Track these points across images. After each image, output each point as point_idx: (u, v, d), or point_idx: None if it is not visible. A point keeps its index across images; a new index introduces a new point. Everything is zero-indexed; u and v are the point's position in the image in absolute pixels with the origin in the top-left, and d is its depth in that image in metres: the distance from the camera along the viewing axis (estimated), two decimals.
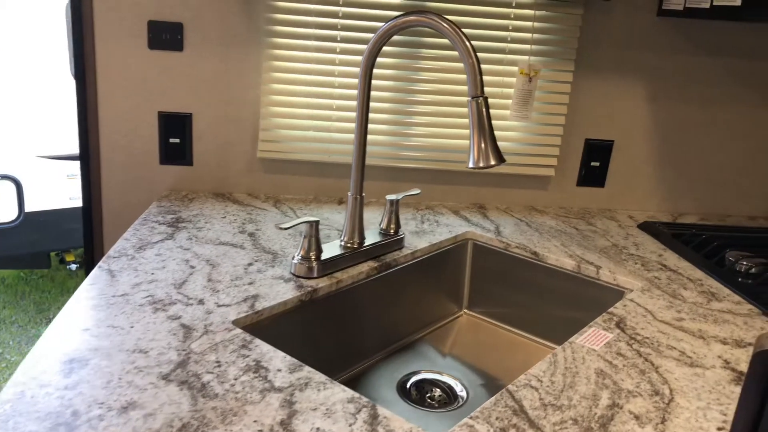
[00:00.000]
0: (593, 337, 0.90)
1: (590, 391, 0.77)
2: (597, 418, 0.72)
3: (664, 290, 1.10)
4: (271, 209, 1.34)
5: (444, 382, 1.10)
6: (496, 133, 1.44)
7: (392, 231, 1.18)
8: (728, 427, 0.72)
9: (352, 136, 1.40)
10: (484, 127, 0.92)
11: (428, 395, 1.06)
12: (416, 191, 1.21)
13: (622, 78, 1.46)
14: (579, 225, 1.42)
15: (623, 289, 1.13)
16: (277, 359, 0.78)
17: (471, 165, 0.93)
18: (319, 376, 0.75)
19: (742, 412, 0.66)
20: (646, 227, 1.42)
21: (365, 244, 1.11)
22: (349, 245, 1.10)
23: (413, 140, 1.42)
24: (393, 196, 1.18)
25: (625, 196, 1.56)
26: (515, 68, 1.40)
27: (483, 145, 0.92)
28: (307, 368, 0.76)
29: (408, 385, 1.07)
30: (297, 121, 1.38)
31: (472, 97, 0.91)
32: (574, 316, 1.20)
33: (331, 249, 1.08)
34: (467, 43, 0.91)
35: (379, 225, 1.19)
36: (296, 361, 0.78)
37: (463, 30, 0.92)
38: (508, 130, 1.44)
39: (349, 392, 0.72)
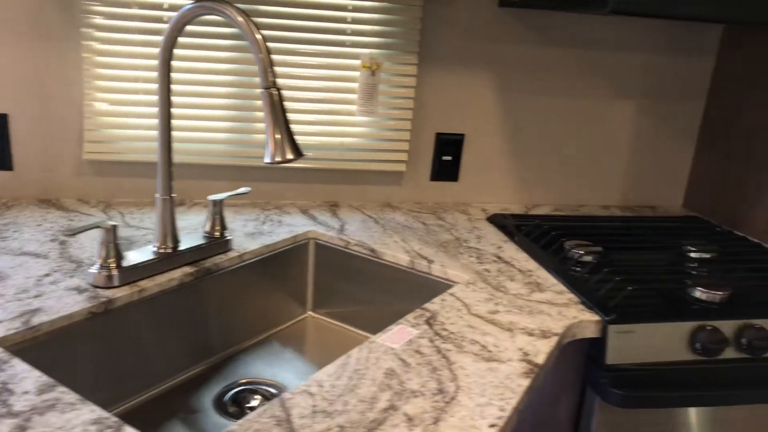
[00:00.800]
0: (397, 335, 0.87)
1: (371, 394, 0.74)
2: (368, 422, 0.68)
3: (489, 282, 1.08)
4: (99, 215, 1.25)
5: (267, 390, 1.05)
6: (343, 129, 1.40)
7: (217, 233, 1.12)
8: (501, 423, 0.70)
9: (184, 134, 1.33)
10: (279, 119, 0.87)
11: (248, 405, 1.01)
12: (245, 190, 1.16)
13: (469, 70, 1.46)
14: (428, 220, 1.40)
15: (452, 283, 1.12)
16: (29, 380, 0.71)
17: (267, 160, 0.88)
18: (71, 396, 0.68)
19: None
20: (494, 220, 1.42)
21: (181, 249, 1.05)
22: (161, 250, 1.03)
23: (258, 137, 1.36)
24: (216, 196, 1.12)
25: (480, 189, 1.55)
26: (358, 62, 1.37)
27: (279, 139, 0.87)
28: (60, 389, 0.70)
29: (226, 398, 1.02)
30: (125, 120, 1.30)
31: (265, 88, 0.87)
32: (408, 312, 1.17)
33: (140, 255, 1.01)
34: (257, 35, 0.86)
35: (203, 228, 1.13)
36: (51, 381, 0.71)
37: (254, 20, 0.87)
38: (356, 125, 1.41)
39: (99, 413, 0.66)
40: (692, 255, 1.29)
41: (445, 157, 1.51)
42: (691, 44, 1.55)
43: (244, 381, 1.06)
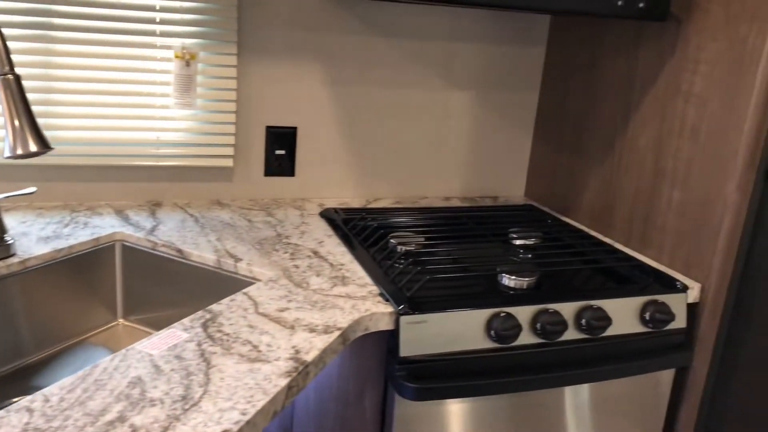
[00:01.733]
0: (162, 340, 0.81)
1: (102, 406, 0.67)
2: None
3: (293, 279, 1.04)
4: None
5: None
6: (160, 123, 1.32)
7: None
8: (237, 429, 0.65)
9: None
10: (18, 108, 0.79)
11: None
12: (30, 190, 1.06)
13: (297, 61, 1.41)
14: (257, 217, 1.34)
15: (255, 281, 1.07)
16: None
17: (8, 154, 0.80)
18: None
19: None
20: (326, 214, 1.38)
21: None
22: None
23: (66, 133, 1.26)
24: None
25: (319, 184, 1.51)
26: (171, 52, 1.29)
27: (19, 129, 0.79)
28: None
29: None
30: None
31: (1, 75, 0.78)
32: None
33: None
34: None
35: None
36: None
37: None
38: (174, 119, 1.33)
39: None
40: (516, 242, 1.30)
41: (278, 151, 1.45)
42: (522, 34, 1.57)
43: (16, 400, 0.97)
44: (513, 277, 1.09)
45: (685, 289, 1.12)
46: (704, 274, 1.14)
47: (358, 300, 0.98)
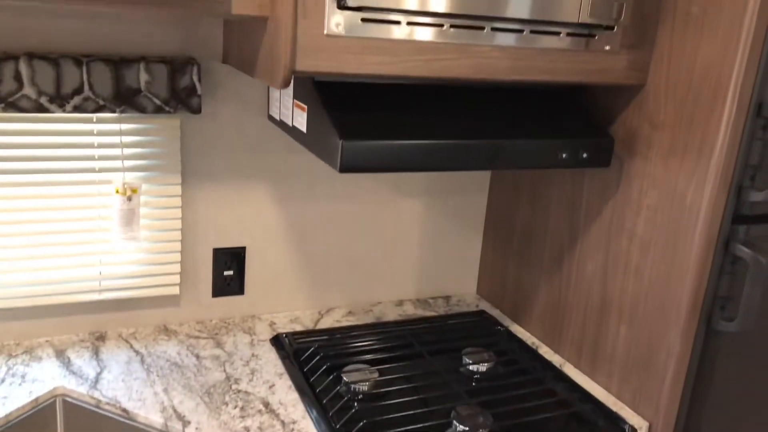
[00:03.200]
0: None
1: None
2: None
3: None
4: None
5: None
6: (103, 257, 1.28)
7: None
8: None
9: None
10: None
11: None
12: None
13: (243, 182, 1.38)
14: (205, 349, 1.31)
15: None
16: None
17: None
18: None
19: None
20: (277, 342, 1.36)
21: None
22: None
23: (2, 277, 1.21)
24: None
25: (269, 299, 1.49)
26: (112, 187, 1.25)
27: None
28: None
29: None
30: None
31: None
32: None
33: None
34: None
35: None
36: None
37: None
38: (118, 253, 1.29)
39: None
40: (469, 367, 1.31)
41: (226, 272, 1.42)
42: None
43: None
44: (465, 428, 1.09)
45: None
46: (652, 412, 1.17)
47: None
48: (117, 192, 1.25)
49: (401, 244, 1.59)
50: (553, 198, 1.39)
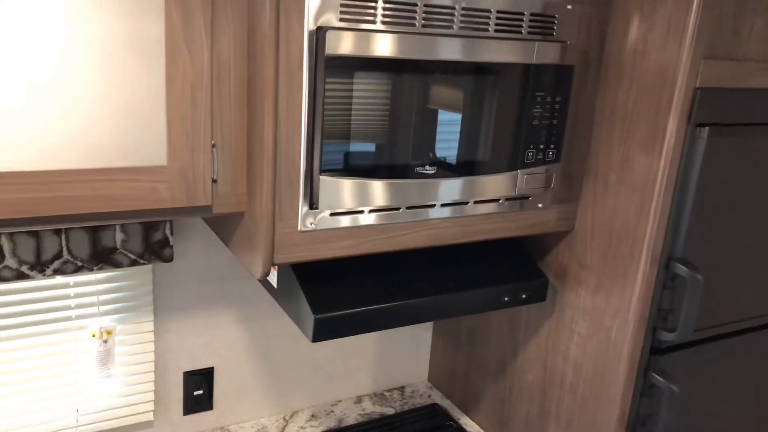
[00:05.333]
0: None
1: None
2: None
3: None
4: None
5: None
6: (79, 397, 1.34)
7: None
8: None
9: None
10: None
11: None
12: None
13: (212, 309, 1.47)
14: None
15: None
16: None
17: None
18: None
19: None
20: None
21: None
22: None
23: None
24: None
25: (237, 410, 1.58)
26: (88, 330, 1.32)
27: None
28: None
29: None
30: None
31: None
32: None
33: None
34: None
35: None
36: None
37: None
38: (94, 390, 1.35)
39: None
40: None
41: (196, 392, 1.51)
42: None
43: None
44: None
45: None
46: None
47: None
48: (93, 336, 1.32)
49: (358, 344, 1.71)
50: (494, 314, 1.54)
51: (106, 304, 1.32)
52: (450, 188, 1.11)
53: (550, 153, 1.19)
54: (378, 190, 1.04)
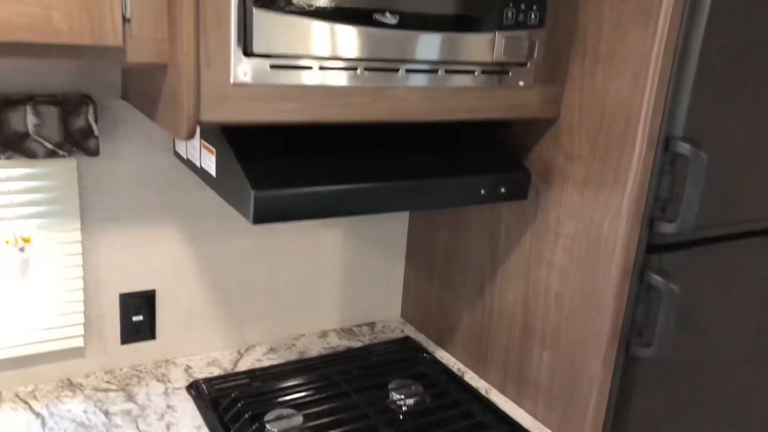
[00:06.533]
0: None
1: None
2: None
3: None
4: None
5: None
6: None
7: None
8: None
9: None
10: None
11: None
12: None
13: (150, 222, 1.30)
14: (115, 403, 1.22)
15: None
16: None
17: None
18: None
19: None
20: (193, 390, 1.28)
21: None
22: None
23: None
24: None
25: (184, 342, 1.40)
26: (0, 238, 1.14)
27: None
28: None
29: None
30: None
31: None
32: None
33: None
34: None
35: None
36: None
37: None
38: (15, 308, 1.17)
39: None
40: (397, 402, 1.28)
41: (135, 318, 1.33)
42: None
43: None
44: None
45: None
46: None
47: None
48: (7, 243, 1.14)
49: (323, 274, 1.54)
50: (473, 224, 1.39)
51: (22, 206, 1.14)
52: (415, 45, 0.94)
53: (532, 15, 1.02)
54: (326, 34, 0.87)
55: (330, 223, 1.51)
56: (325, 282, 1.55)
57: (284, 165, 0.95)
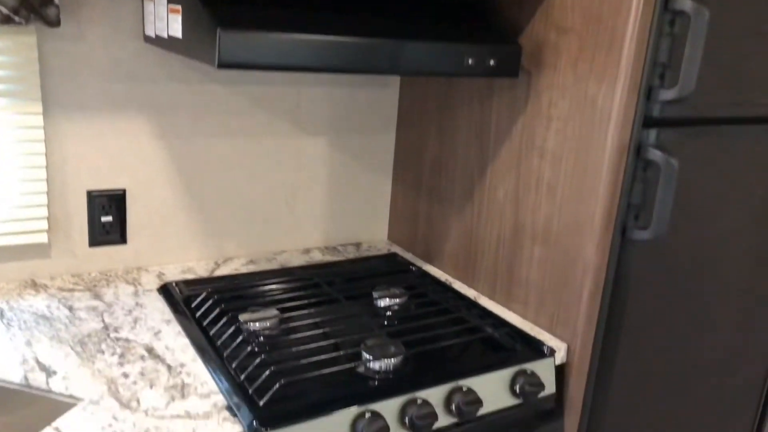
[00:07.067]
0: None
1: None
2: None
3: (120, 397, 0.88)
4: None
5: None
6: None
7: None
8: None
9: None
10: None
11: None
12: None
13: (120, 114, 1.22)
14: (80, 301, 1.15)
15: (75, 401, 0.89)
16: None
17: None
18: None
19: None
20: (164, 291, 1.21)
21: None
22: None
23: None
24: None
25: (157, 249, 1.33)
26: None
27: None
28: None
29: None
30: None
31: None
32: None
33: None
34: None
35: None
36: None
37: None
38: None
39: None
40: (380, 304, 1.21)
41: (104, 218, 1.26)
42: (372, 76, 1.48)
43: None
44: (377, 362, 0.99)
45: (552, 353, 1.09)
46: (570, 333, 1.12)
47: (200, 420, 0.84)
48: None
49: (305, 188, 1.47)
50: (462, 126, 1.32)
51: None
52: None
53: None
54: None
55: (313, 132, 1.44)
56: (308, 197, 1.48)
57: (255, 11, 0.88)
